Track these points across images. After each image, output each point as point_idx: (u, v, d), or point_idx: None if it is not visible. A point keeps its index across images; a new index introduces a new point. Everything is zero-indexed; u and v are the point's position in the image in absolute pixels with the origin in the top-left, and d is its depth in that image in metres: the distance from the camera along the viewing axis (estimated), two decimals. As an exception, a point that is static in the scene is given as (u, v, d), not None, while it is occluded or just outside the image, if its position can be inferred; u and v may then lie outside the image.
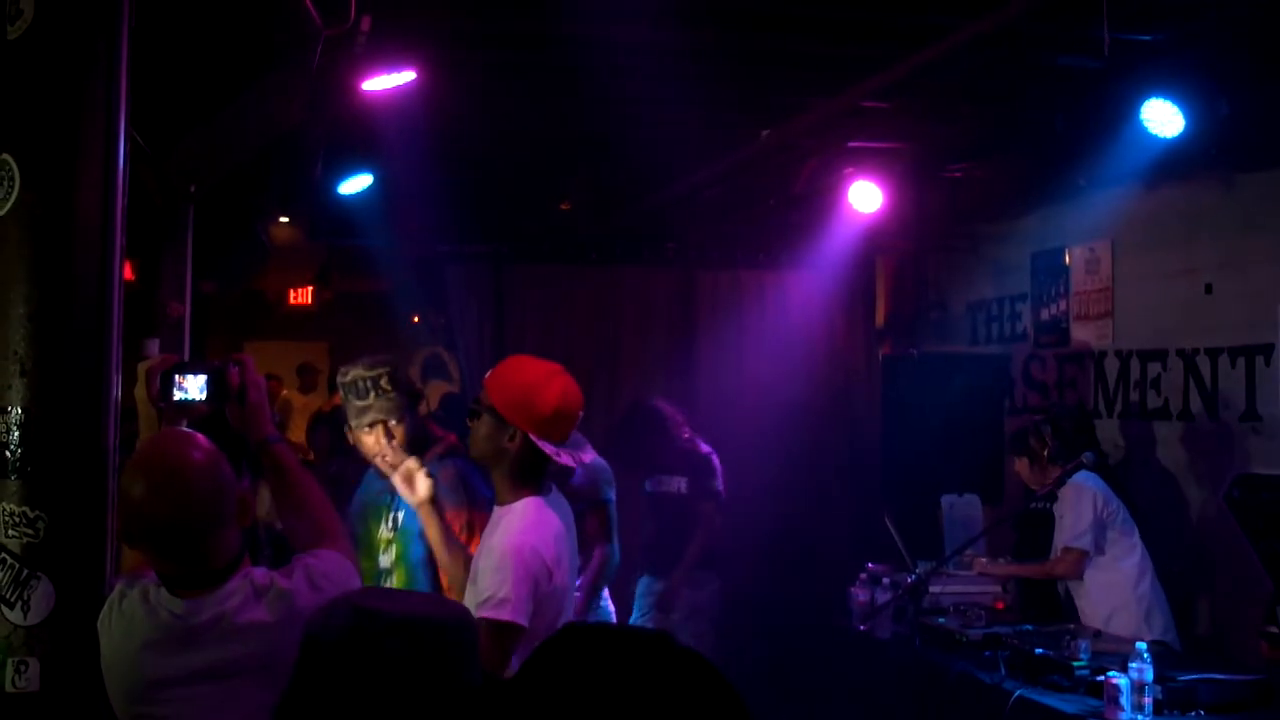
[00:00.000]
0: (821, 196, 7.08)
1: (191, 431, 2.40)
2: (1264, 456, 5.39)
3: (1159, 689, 3.97)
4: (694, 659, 1.34)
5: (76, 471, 2.61)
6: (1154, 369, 6.16)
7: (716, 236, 8.05)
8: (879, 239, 7.77)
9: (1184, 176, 5.73)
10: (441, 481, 3.32)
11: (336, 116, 5.41)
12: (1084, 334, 6.71)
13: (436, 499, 3.19)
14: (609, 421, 6.65)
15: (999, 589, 5.54)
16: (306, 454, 7.35)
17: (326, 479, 3.75)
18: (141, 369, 2.63)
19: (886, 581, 5.63)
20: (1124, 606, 5.05)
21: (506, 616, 2.70)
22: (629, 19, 4.40)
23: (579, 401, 2.97)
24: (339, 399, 3.84)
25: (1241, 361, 5.62)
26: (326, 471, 5.83)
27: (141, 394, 2.61)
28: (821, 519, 7.84)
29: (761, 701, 2.21)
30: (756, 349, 7.90)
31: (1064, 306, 6.89)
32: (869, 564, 5.87)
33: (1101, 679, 4.01)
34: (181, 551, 2.23)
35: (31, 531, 2.55)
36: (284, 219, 8.52)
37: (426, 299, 8.50)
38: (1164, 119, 4.97)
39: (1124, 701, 3.90)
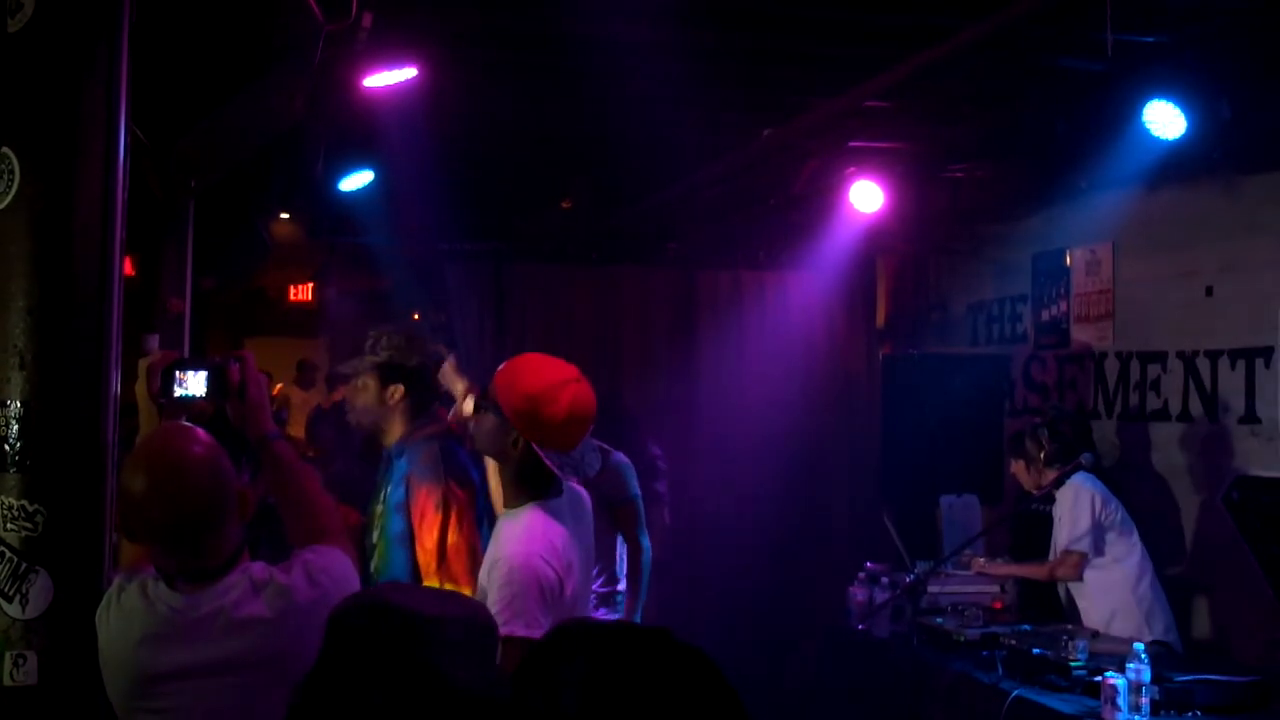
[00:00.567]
0: (822, 197, 7.07)
1: (191, 426, 2.40)
2: (1263, 459, 5.39)
3: (1156, 690, 3.98)
4: (693, 655, 1.34)
5: (75, 466, 2.61)
6: (1154, 371, 6.16)
7: (717, 236, 8.05)
8: (880, 239, 7.77)
9: (1185, 179, 5.72)
10: (421, 460, 3.46)
11: (338, 113, 5.41)
12: (1084, 335, 6.71)
13: (414, 475, 3.36)
14: (609, 420, 6.64)
15: (997, 589, 5.54)
16: (306, 450, 7.36)
17: (329, 477, 3.76)
18: (142, 365, 2.63)
19: (885, 581, 5.64)
20: (1124, 607, 5.05)
21: (520, 632, 2.64)
22: (631, 18, 4.39)
23: (590, 411, 2.86)
24: (339, 395, 3.86)
25: (1241, 364, 5.62)
26: (330, 469, 5.84)
27: (142, 390, 2.61)
28: (820, 518, 7.85)
29: (758, 699, 2.21)
30: (757, 349, 7.91)
31: (1064, 308, 6.89)
32: (867, 563, 5.88)
33: (1099, 679, 4.02)
34: (181, 546, 2.23)
35: (30, 525, 2.55)
36: (285, 215, 8.51)
37: (427, 297, 8.49)
38: (1166, 121, 4.97)
39: (1121, 702, 3.90)
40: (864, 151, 6.59)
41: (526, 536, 2.80)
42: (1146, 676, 3.94)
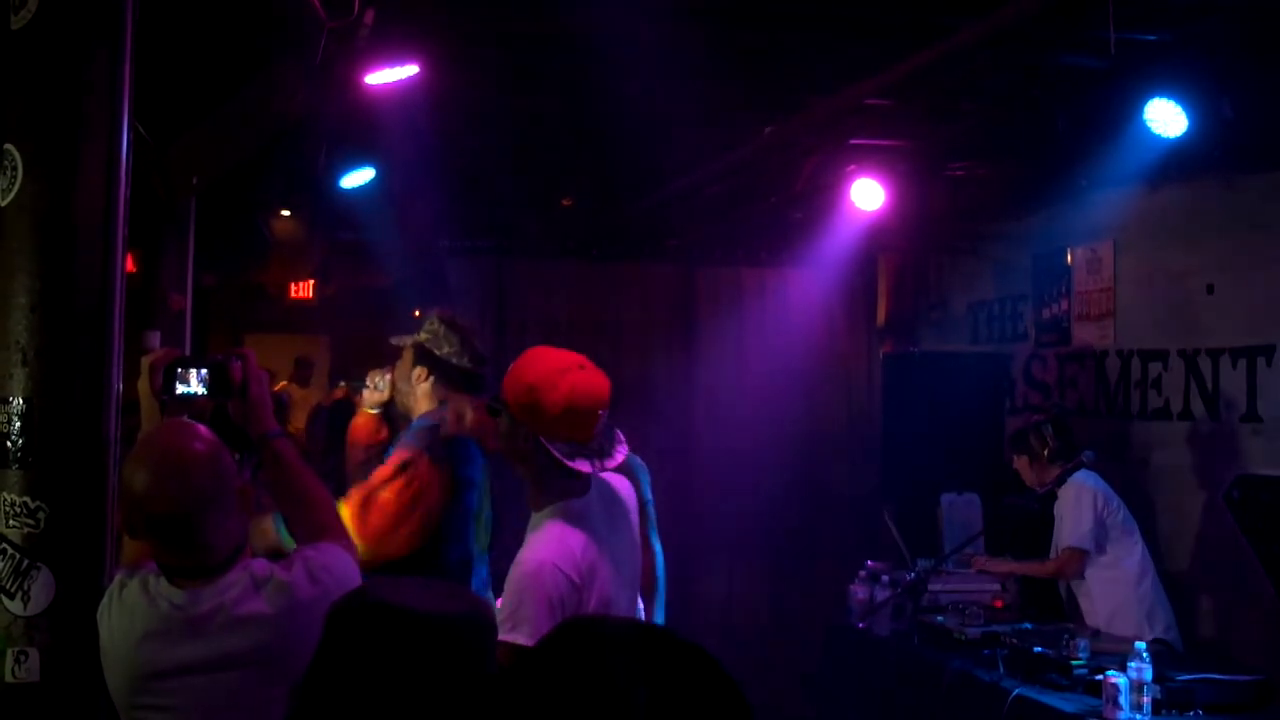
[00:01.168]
0: (823, 194, 7.07)
1: (193, 422, 2.40)
2: (1264, 457, 5.39)
3: (1158, 688, 3.98)
4: (696, 652, 1.34)
5: (77, 462, 2.61)
6: (1155, 369, 6.16)
7: (718, 233, 8.05)
8: (880, 237, 7.76)
9: (1187, 177, 5.72)
10: (413, 432, 3.61)
11: (339, 110, 5.40)
12: (1085, 334, 6.71)
13: (399, 443, 3.54)
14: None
15: (998, 587, 5.54)
16: (305, 446, 7.36)
17: (325, 472, 3.76)
18: (144, 362, 2.62)
19: (886, 579, 5.65)
20: (1125, 605, 5.05)
21: (519, 640, 2.58)
22: (632, 14, 4.39)
23: (596, 398, 2.75)
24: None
25: (1243, 362, 5.62)
26: (324, 465, 5.84)
27: (144, 387, 2.61)
28: (821, 516, 7.85)
29: (761, 696, 2.21)
30: (757, 346, 7.91)
31: (1065, 306, 6.89)
32: (868, 561, 5.88)
33: (1100, 678, 4.02)
34: (182, 542, 2.23)
35: (32, 522, 2.55)
36: (286, 212, 8.51)
37: (428, 294, 8.49)
38: (1167, 119, 4.96)
39: (1122, 701, 3.90)
40: (865, 149, 6.58)
41: (543, 543, 2.74)
42: (1148, 675, 3.94)
